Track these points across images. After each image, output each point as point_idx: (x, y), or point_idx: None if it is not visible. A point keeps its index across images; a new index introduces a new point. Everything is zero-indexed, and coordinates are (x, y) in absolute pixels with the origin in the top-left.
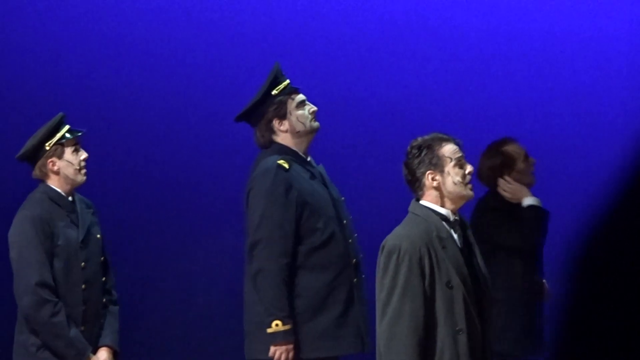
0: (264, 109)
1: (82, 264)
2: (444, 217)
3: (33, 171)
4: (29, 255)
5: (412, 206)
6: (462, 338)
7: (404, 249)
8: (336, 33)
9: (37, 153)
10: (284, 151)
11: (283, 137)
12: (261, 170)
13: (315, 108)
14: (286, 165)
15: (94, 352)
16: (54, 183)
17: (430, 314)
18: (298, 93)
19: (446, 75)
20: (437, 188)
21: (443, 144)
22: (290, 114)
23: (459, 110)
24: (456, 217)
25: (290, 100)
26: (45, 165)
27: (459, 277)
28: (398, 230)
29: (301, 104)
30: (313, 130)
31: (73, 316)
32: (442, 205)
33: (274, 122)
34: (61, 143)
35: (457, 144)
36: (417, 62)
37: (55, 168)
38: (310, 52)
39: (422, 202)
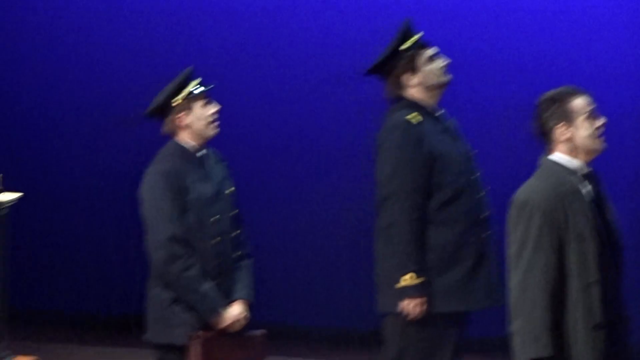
0: (395, 63)
1: (215, 217)
2: (574, 171)
3: (163, 127)
4: (161, 210)
5: (542, 160)
6: (595, 290)
7: (535, 203)
8: None
9: (166, 108)
10: (414, 105)
11: (413, 91)
12: (391, 125)
13: (445, 61)
14: (416, 119)
15: (228, 305)
16: (184, 137)
17: (562, 267)
18: (428, 47)
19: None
20: (568, 141)
21: (573, 98)
22: (421, 68)
23: (599, 67)
24: (587, 171)
25: (420, 54)
26: (174, 120)
27: (590, 230)
28: (529, 184)
29: (431, 58)
30: (444, 84)
31: (206, 270)
32: (573, 159)
33: (404, 76)
34: (190, 97)
35: (587, 97)
36: (554, 16)
37: (186, 122)
38: (442, 9)
39: (552, 156)
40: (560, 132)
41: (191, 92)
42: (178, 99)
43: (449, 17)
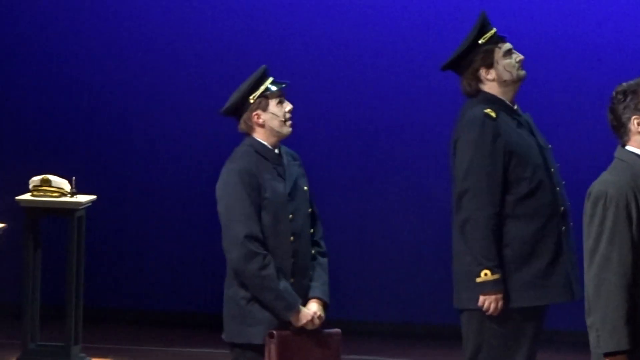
0: (471, 58)
1: (290, 216)
2: None
3: (239, 125)
4: (237, 209)
5: (617, 152)
6: None
7: (610, 195)
8: None
9: (241, 106)
10: (491, 100)
11: (490, 86)
12: (468, 119)
13: (521, 57)
14: (493, 114)
15: (304, 304)
16: (259, 136)
17: (638, 260)
18: (505, 42)
19: None
20: None
21: None
22: (497, 63)
23: None
24: None
25: (497, 49)
26: (250, 118)
27: None
28: (604, 176)
29: (508, 53)
30: (520, 79)
31: (282, 269)
32: None
33: (480, 70)
34: (265, 95)
35: None
36: (630, 5)
37: (260, 121)
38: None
39: (627, 147)
40: (635, 124)
41: (267, 90)
42: (254, 97)
43: (521, 9)
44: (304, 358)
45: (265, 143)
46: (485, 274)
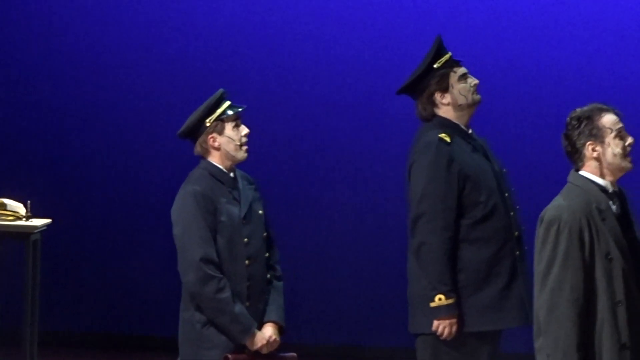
0: (426, 82)
1: (245, 240)
2: (603, 189)
3: (194, 148)
4: (192, 232)
5: (571, 177)
6: (622, 310)
7: (564, 220)
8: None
9: (197, 129)
10: (446, 124)
11: (445, 110)
12: (423, 143)
13: (476, 81)
14: (447, 139)
15: (259, 327)
16: (215, 159)
17: (590, 286)
18: (460, 66)
19: (612, 47)
20: (597, 159)
21: (603, 115)
22: (452, 87)
23: (622, 80)
24: (615, 189)
25: (452, 73)
26: (206, 141)
27: (618, 249)
28: (557, 201)
29: (463, 77)
30: (475, 103)
31: (238, 292)
32: (602, 177)
33: (435, 95)
34: (222, 119)
35: (617, 114)
36: (585, 32)
37: (216, 144)
38: (472, 25)
39: (581, 172)
40: (590, 150)
41: (223, 113)
42: (210, 120)
43: (477, 34)
44: None
45: (220, 166)
46: (440, 299)
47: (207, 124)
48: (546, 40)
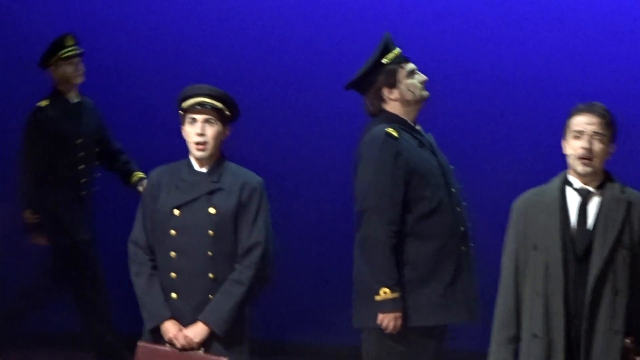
0: (374, 78)
1: (172, 231)
2: (571, 185)
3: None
4: (138, 213)
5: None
6: (539, 301)
7: (513, 208)
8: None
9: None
10: (393, 119)
11: (392, 106)
12: (370, 138)
13: (425, 77)
14: (395, 134)
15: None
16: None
17: (522, 274)
18: (408, 62)
19: (569, 47)
20: (568, 157)
21: (574, 115)
22: (400, 83)
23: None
24: (590, 189)
25: (400, 69)
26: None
27: (548, 242)
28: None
29: (411, 73)
30: (422, 99)
31: (164, 282)
32: (573, 175)
33: (383, 90)
34: (183, 109)
35: (590, 116)
36: (535, 34)
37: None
38: (422, 21)
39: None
40: (564, 147)
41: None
42: (181, 110)
43: (425, 31)
44: None
45: (191, 160)
46: (385, 292)
47: (181, 113)
48: (495, 36)
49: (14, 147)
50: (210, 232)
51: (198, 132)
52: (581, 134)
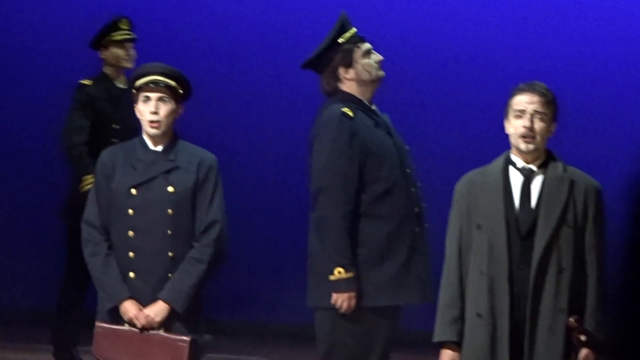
0: (330, 57)
1: (130, 210)
2: (514, 164)
3: None
4: (91, 192)
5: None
6: (483, 280)
7: (456, 188)
8: None
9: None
10: (349, 99)
11: (348, 86)
12: (325, 118)
13: (380, 57)
14: (350, 113)
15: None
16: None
17: (465, 255)
18: (364, 42)
19: (521, 28)
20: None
21: (515, 94)
22: (356, 62)
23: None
24: (533, 168)
25: (356, 49)
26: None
27: (492, 222)
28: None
29: (367, 53)
30: (378, 79)
31: (121, 262)
32: (516, 155)
33: (339, 70)
34: (137, 89)
35: (532, 95)
36: (487, 15)
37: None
38: (380, 2)
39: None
40: (506, 127)
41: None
42: (135, 89)
43: (382, 11)
44: (135, 357)
45: (145, 138)
46: (339, 272)
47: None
48: (449, 17)
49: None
50: (170, 210)
51: (152, 110)
52: (523, 113)
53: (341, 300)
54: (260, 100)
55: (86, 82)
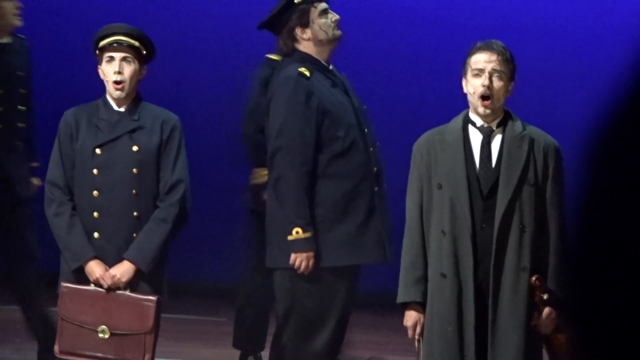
0: (287, 17)
1: (95, 170)
2: (473, 123)
3: None
4: (53, 154)
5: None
6: (446, 240)
7: (415, 147)
8: None
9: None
10: (306, 59)
11: (305, 46)
12: (282, 78)
13: (337, 17)
14: (307, 73)
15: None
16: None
17: (427, 214)
18: (321, 1)
19: None
20: (468, 96)
21: (475, 52)
22: (313, 22)
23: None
24: (492, 127)
25: (313, 9)
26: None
27: (452, 180)
28: None
29: (324, 13)
30: (335, 39)
31: (85, 222)
32: (474, 113)
33: (296, 30)
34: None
35: (490, 53)
36: None
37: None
38: None
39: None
40: (464, 86)
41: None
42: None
43: None
44: (101, 317)
45: (109, 99)
46: (297, 232)
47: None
48: None
49: None
50: (135, 170)
51: (116, 71)
52: (481, 72)
53: (299, 260)
54: (219, 60)
55: None
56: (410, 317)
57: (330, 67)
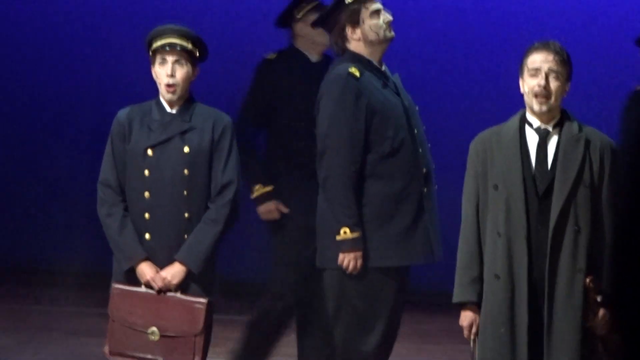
0: (338, 16)
1: (146, 171)
2: (529, 124)
3: None
4: (105, 155)
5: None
6: (501, 242)
7: (471, 146)
8: None
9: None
10: (357, 59)
11: (356, 45)
12: (332, 77)
13: (390, 18)
14: (357, 73)
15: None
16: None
17: (482, 215)
18: (374, 2)
19: None
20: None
21: (531, 52)
22: (363, 23)
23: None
24: (548, 128)
25: (364, 9)
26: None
27: (509, 181)
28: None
29: (375, 13)
30: (386, 40)
31: (137, 222)
32: (531, 114)
33: (346, 29)
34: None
35: (547, 53)
36: None
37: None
38: None
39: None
40: (521, 86)
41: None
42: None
43: None
44: (151, 319)
45: (162, 100)
46: (345, 232)
47: (150, 53)
48: None
49: None
50: (186, 171)
51: (168, 74)
52: (537, 71)
53: (347, 260)
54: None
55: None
56: (466, 317)
57: (383, 67)
